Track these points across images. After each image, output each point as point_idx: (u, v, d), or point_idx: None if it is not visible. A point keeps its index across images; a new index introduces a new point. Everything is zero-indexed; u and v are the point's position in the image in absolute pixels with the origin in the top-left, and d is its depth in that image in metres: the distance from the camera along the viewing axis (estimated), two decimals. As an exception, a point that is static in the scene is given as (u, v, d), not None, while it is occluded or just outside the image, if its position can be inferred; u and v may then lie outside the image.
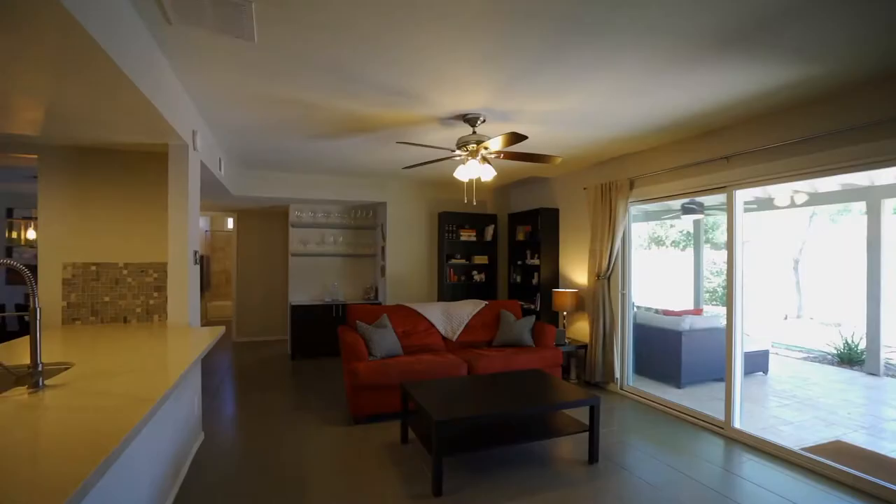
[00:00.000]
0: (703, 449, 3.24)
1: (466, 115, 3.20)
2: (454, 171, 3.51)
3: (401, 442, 3.29)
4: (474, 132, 3.28)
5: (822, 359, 6.35)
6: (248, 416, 3.83)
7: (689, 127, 3.51)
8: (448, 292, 6.14)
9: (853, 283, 6.39)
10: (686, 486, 2.71)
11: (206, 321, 8.27)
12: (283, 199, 5.92)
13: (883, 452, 3.27)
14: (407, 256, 6.23)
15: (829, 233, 7.93)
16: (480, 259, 6.36)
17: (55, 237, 3.12)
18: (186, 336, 2.68)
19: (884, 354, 5.44)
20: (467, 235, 6.30)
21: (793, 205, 5.51)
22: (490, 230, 6.40)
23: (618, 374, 4.54)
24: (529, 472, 2.85)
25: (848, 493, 2.63)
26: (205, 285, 8.67)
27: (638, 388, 4.45)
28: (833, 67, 2.42)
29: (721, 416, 3.53)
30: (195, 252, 3.14)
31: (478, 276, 6.37)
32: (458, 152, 3.38)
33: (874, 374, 5.42)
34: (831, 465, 2.84)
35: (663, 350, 4.96)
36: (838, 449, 3.26)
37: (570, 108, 3.09)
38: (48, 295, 3.07)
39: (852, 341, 6.03)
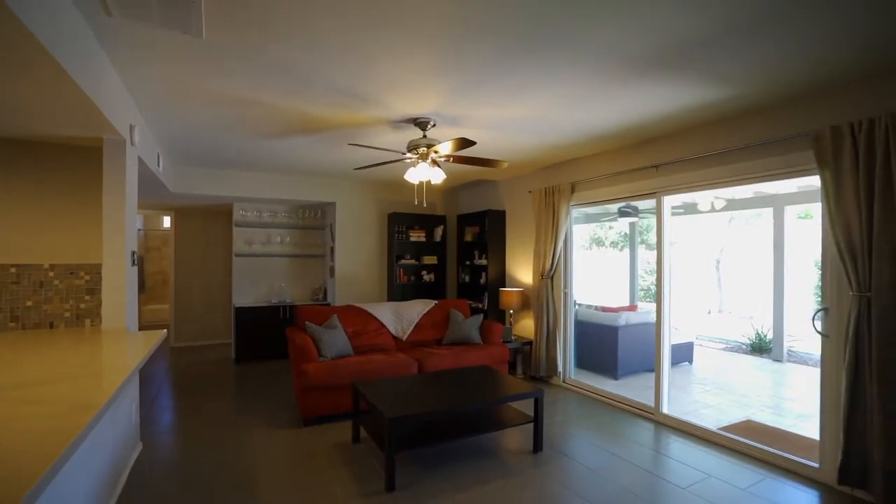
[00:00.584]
0: (636, 433, 3.53)
1: (417, 118, 3.28)
2: (404, 172, 3.57)
3: (352, 441, 3.31)
4: (425, 136, 3.36)
5: (738, 348, 7.05)
6: (190, 424, 3.67)
7: (625, 137, 3.80)
8: (398, 292, 6.17)
9: (763, 279, 7.14)
10: (622, 467, 2.96)
11: (141, 325, 7.74)
12: (226, 198, 5.69)
13: (784, 428, 3.72)
14: (356, 257, 6.20)
15: (745, 235, 8.80)
16: (430, 259, 6.45)
17: (-34, 236, 2.84)
18: (124, 341, 2.55)
19: (786, 343, 6.15)
20: (417, 236, 6.37)
21: (713, 210, 6.08)
22: (439, 231, 6.51)
23: (560, 368, 4.80)
24: (479, 464, 2.98)
25: (756, 464, 2.99)
26: (139, 287, 8.11)
27: (579, 381, 4.73)
28: (745, 90, 2.73)
29: (651, 403, 3.85)
30: (133, 252, 2.98)
31: (427, 276, 6.46)
32: (408, 155, 3.45)
33: (779, 360, 6.11)
34: (742, 441, 3.20)
35: (602, 344, 5.30)
36: (748, 427, 3.67)
37: (516, 115, 3.25)
38: (-42, 300, 2.80)
39: (762, 332, 6.73)
